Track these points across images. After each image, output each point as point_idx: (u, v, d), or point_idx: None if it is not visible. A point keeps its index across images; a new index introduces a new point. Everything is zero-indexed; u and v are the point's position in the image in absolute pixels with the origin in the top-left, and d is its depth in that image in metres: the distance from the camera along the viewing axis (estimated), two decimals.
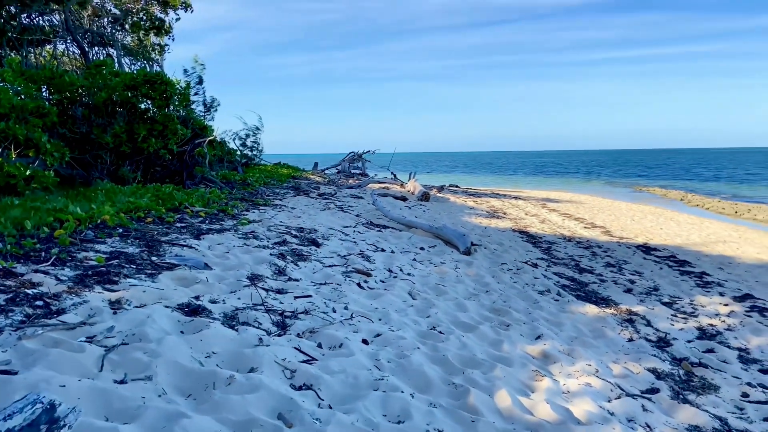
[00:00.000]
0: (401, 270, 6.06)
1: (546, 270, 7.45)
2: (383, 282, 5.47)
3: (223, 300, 4.04)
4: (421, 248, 7.70)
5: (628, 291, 6.79)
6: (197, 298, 3.99)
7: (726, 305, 6.43)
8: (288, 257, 5.69)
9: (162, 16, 17.26)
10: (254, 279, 4.72)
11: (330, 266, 5.67)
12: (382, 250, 7.03)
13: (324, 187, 15.13)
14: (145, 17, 17.48)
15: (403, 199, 14.86)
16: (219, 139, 21.48)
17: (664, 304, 6.27)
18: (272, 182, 13.50)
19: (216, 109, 24.80)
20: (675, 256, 9.65)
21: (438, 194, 19.38)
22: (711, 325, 5.56)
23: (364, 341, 3.74)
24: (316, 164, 30.91)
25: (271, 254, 5.66)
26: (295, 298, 4.41)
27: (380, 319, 4.25)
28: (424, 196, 15.80)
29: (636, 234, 12.51)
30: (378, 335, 3.87)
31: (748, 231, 14.58)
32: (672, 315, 5.79)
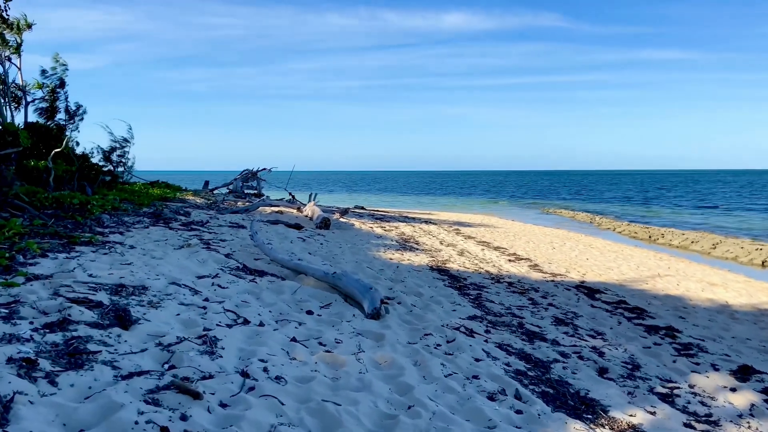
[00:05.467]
0: (266, 370, 3.57)
1: (487, 340, 5.28)
2: (223, 408, 2.96)
3: None
4: (309, 312, 5.26)
5: (603, 372, 4.78)
6: None
7: (734, 390, 4.60)
8: (42, 364, 3.02)
9: None
10: None
11: (128, 377, 3.08)
12: (246, 322, 4.52)
13: (198, 213, 12.23)
14: None
15: (298, 227, 12.34)
16: (80, 152, 17.81)
17: (663, 398, 4.28)
18: (125, 206, 10.46)
19: (82, 118, 20.88)
20: (625, 302, 7.95)
21: (341, 219, 17.03)
22: None
23: None
24: (206, 183, 27.59)
25: (12, 358, 2.98)
26: None
27: None
28: (324, 223, 13.38)
29: (566, 268, 10.87)
30: None
31: (674, 260, 13.56)
32: (686, 424, 3.79)
